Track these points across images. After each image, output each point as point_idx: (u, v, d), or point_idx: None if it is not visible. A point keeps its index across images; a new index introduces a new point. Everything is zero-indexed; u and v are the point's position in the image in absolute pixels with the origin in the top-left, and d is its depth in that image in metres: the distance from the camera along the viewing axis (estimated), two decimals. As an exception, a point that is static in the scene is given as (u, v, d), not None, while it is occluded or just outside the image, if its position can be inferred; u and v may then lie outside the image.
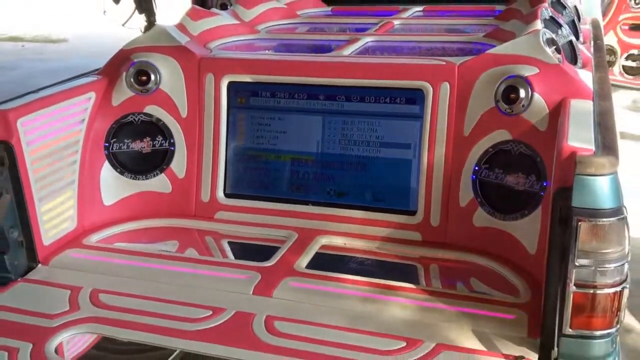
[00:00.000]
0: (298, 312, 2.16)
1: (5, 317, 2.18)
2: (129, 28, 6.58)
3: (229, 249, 2.77)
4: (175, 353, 2.02)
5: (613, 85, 5.60)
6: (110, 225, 2.72)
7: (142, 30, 6.51)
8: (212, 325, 2.10)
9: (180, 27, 3.03)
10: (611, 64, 5.61)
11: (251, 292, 2.25)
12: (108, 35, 12.45)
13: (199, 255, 2.64)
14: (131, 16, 6.69)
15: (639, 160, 5.33)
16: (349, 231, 2.64)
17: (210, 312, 2.15)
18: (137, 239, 2.70)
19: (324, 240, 2.58)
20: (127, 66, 2.80)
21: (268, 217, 2.73)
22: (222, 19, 3.36)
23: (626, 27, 5.55)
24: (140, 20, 6.69)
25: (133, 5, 6.64)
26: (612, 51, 5.60)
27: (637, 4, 5.39)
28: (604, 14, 5.48)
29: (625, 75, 5.61)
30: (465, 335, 2.01)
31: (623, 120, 6.48)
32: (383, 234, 2.61)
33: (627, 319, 3.43)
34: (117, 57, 2.89)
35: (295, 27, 3.83)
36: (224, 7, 3.85)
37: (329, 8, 4.33)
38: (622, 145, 5.49)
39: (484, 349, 1.95)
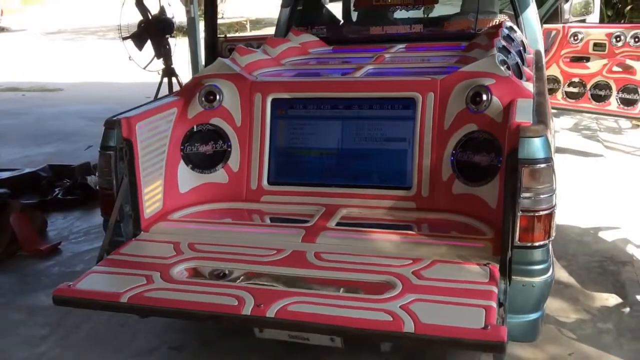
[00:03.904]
0: (336, 249, 2.72)
1: (133, 259, 2.74)
2: (149, 70, 7.13)
3: (273, 221, 3.21)
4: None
5: (557, 109, 6.24)
6: (184, 207, 3.22)
7: (159, 72, 7.09)
8: (279, 257, 2.68)
9: (232, 60, 3.64)
10: (555, 90, 6.11)
11: (300, 240, 2.81)
12: (97, 84, 12.96)
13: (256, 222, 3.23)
14: (151, 61, 7.18)
15: (579, 170, 6.06)
16: (363, 204, 3.12)
17: (275, 252, 2.72)
18: (205, 216, 3.18)
19: (345, 211, 3.07)
20: (199, 89, 3.35)
21: (302, 197, 3.21)
22: (258, 55, 4.00)
23: (567, 60, 6.08)
24: (159, 64, 7.19)
25: (153, 52, 7.14)
26: (556, 80, 6.11)
27: (575, 40, 5.96)
28: (549, 50, 6.05)
29: (568, 99, 6.08)
30: (451, 255, 2.62)
31: (567, 140, 7.02)
32: (388, 205, 3.10)
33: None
34: (191, 83, 3.45)
35: (309, 61, 4.44)
36: (231, 51, 4.28)
37: (331, 47, 4.98)
38: (565, 159, 6.38)
39: (463, 261, 2.57)
